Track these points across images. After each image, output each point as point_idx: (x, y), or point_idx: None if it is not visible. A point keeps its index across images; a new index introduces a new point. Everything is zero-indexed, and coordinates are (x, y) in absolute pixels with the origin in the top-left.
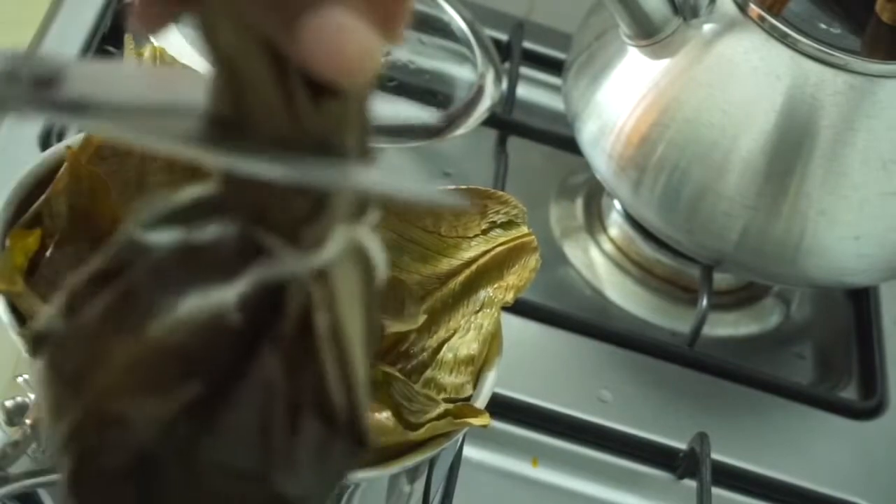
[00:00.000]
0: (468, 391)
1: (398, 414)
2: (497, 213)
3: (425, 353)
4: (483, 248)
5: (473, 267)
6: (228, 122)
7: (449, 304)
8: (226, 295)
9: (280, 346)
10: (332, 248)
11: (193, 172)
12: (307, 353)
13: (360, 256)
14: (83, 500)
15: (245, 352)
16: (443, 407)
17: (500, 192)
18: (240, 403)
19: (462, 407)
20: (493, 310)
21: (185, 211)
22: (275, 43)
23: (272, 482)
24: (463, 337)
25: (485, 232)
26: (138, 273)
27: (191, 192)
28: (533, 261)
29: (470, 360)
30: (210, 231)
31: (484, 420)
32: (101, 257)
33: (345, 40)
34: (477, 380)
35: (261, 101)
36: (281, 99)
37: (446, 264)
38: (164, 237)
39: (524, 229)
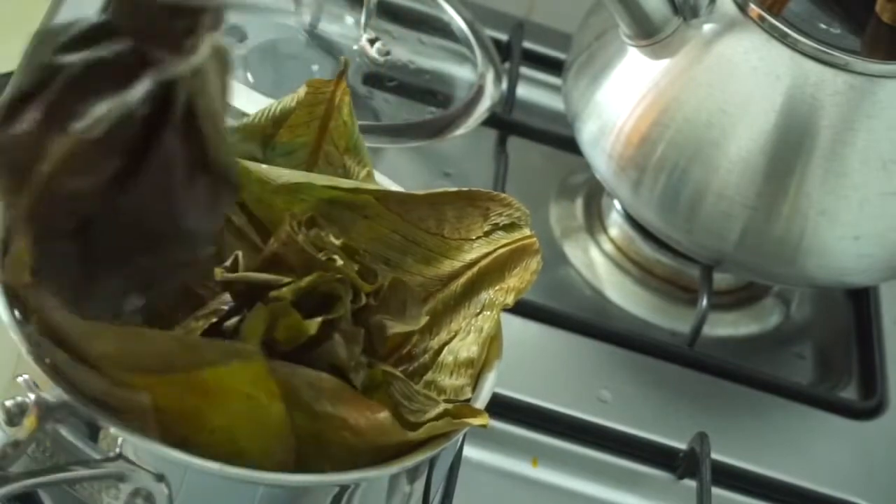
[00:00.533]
0: (467, 394)
1: (398, 414)
2: (500, 215)
3: (426, 356)
4: (485, 249)
5: (475, 269)
6: None
7: (450, 306)
8: (132, 93)
9: (174, 125)
10: (203, 52)
11: None
12: (192, 127)
13: (219, 55)
14: (43, 260)
15: (150, 133)
16: (442, 407)
17: (504, 195)
18: (150, 169)
19: (461, 407)
20: (494, 312)
21: (88, 35)
22: None
23: (178, 218)
24: (463, 339)
25: (487, 234)
26: (57, 87)
27: (89, 21)
28: (534, 263)
29: (469, 362)
30: (110, 49)
31: (483, 420)
32: (23, 78)
33: None
34: (476, 382)
35: None
36: None
37: (448, 266)
38: (73, 58)
39: (526, 231)
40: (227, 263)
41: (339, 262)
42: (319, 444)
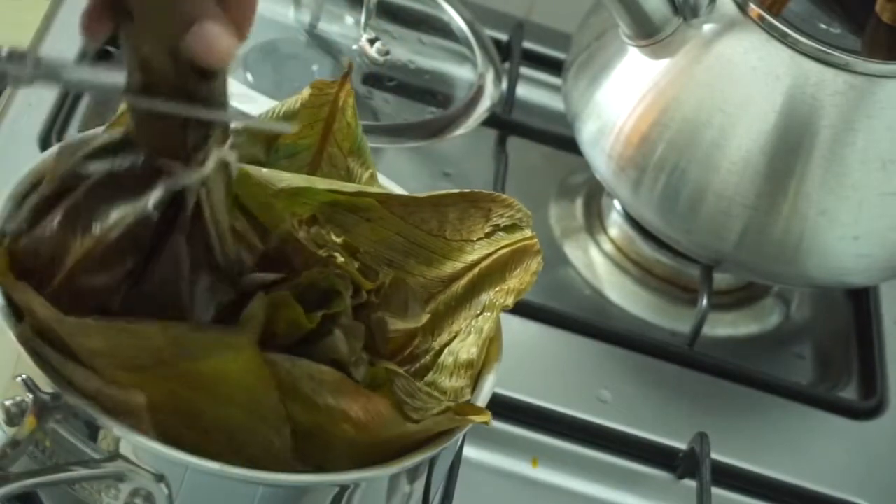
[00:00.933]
0: (467, 395)
1: (401, 411)
2: (501, 216)
3: (427, 357)
4: (486, 250)
5: (476, 270)
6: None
7: (452, 307)
8: (146, 200)
9: (182, 229)
10: (210, 164)
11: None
12: (199, 232)
13: (225, 167)
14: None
15: (161, 235)
16: (445, 404)
17: (505, 196)
18: (160, 267)
19: (464, 405)
20: (493, 313)
21: (108, 148)
22: (174, 47)
23: (184, 311)
24: (463, 341)
25: (488, 235)
26: (79, 194)
27: (112, 136)
28: (535, 264)
29: (469, 364)
30: (127, 161)
31: (485, 417)
32: (49, 185)
33: (215, 41)
34: (476, 383)
35: (164, 79)
36: (177, 76)
37: (450, 267)
38: (95, 167)
39: (528, 232)
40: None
41: (340, 258)
42: (320, 439)
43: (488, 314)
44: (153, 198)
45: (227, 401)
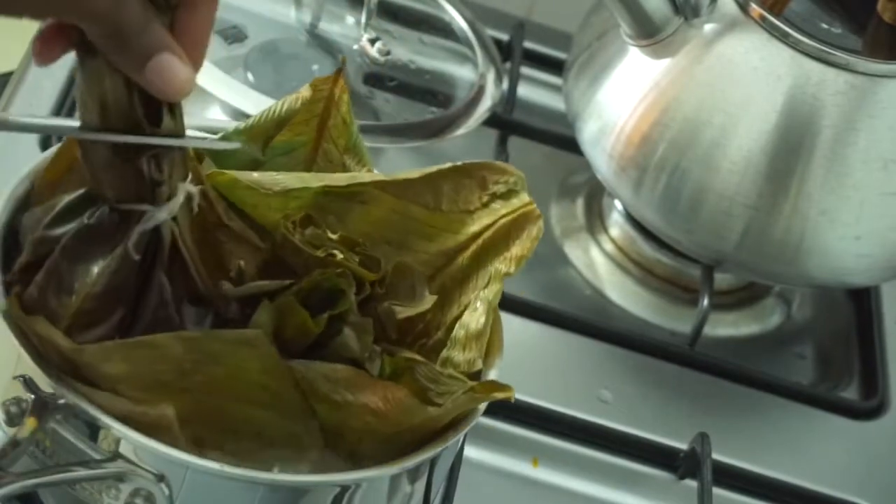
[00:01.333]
0: (479, 365)
1: (425, 398)
2: (496, 183)
3: (440, 332)
4: (486, 220)
5: (479, 241)
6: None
7: (458, 281)
8: (124, 246)
9: (163, 265)
10: (178, 199)
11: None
12: (178, 265)
13: (189, 199)
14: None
15: (143, 279)
16: (468, 384)
17: (496, 162)
18: (149, 306)
19: (485, 384)
20: (498, 282)
21: (71, 208)
22: (131, 78)
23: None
24: (473, 312)
25: (486, 204)
26: (55, 257)
27: (73, 196)
28: (535, 229)
29: (479, 333)
30: (94, 216)
31: (508, 392)
32: (24, 255)
33: (173, 74)
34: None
35: (121, 112)
36: (133, 109)
37: (452, 240)
38: (64, 228)
39: (525, 197)
40: (232, 275)
41: (339, 256)
42: (349, 434)
43: (494, 284)
44: (132, 242)
45: (251, 401)
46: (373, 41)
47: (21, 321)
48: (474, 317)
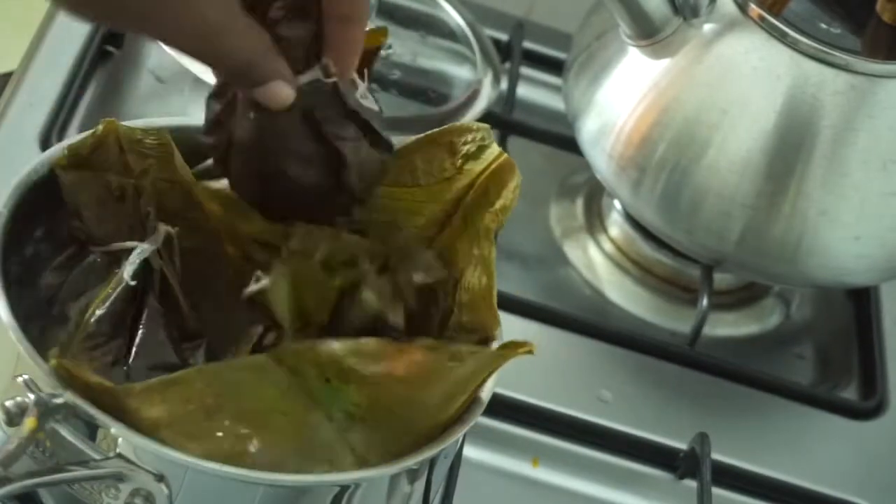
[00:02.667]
0: (496, 328)
1: (439, 353)
2: (465, 143)
3: (448, 300)
4: (464, 182)
5: (463, 204)
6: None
7: (453, 248)
8: (120, 276)
9: (155, 293)
10: (160, 234)
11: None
12: (167, 291)
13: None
14: None
15: (138, 304)
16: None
17: (459, 123)
18: (143, 330)
19: (507, 343)
20: (488, 238)
21: (64, 263)
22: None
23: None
24: (473, 273)
25: (460, 168)
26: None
27: (62, 256)
28: (514, 179)
29: (485, 293)
30: (86, 262)
31: (529, 347)
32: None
33: (277, 95)
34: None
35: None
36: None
37: (438, 209)
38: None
39: (495, 149)
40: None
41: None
42: (382, 415)
43: (486, 242)
44: (127, 272)
45: (276, 428)
46: None
47: (71, 370)
48: (475, 276)
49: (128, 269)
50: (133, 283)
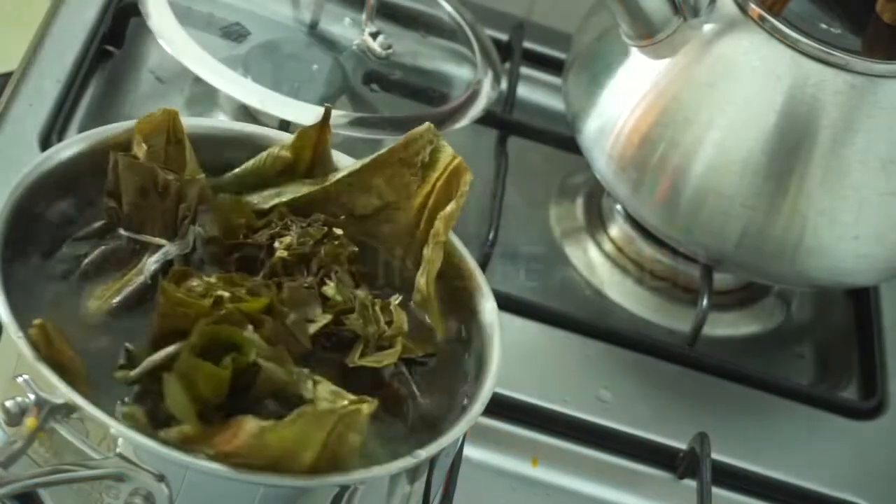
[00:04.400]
0: (438, 333)
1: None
2: (417, 153)
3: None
4: (426, 189)
5: (426, 210)
6: None
7: (421, 253)
8: (140, 271)
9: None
10: (190, 237)
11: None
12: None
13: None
14: None
15: (152, 294)
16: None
17: (409, 134)
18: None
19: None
20: (439, 242)
21: (93, 234)
22: None
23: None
24: (421, 277)
25: (421, 175)
26: (74, 278)
27: (90, 226)
28: (464, 183)
29: (429, 294)
30: (112, 243)
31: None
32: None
33: None
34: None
35: None
36: None
37: (406, 218)
38: (83, 248)
39: (448, 151)
40: (122, 361)
41: (226, 296)
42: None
43: (432, 246)
44: (147, 272)
45: (308, 466)
46: (374, 35)
47: (50, 334)
48: (422, 280)
49: (150, 268)
50: (149, 282)
